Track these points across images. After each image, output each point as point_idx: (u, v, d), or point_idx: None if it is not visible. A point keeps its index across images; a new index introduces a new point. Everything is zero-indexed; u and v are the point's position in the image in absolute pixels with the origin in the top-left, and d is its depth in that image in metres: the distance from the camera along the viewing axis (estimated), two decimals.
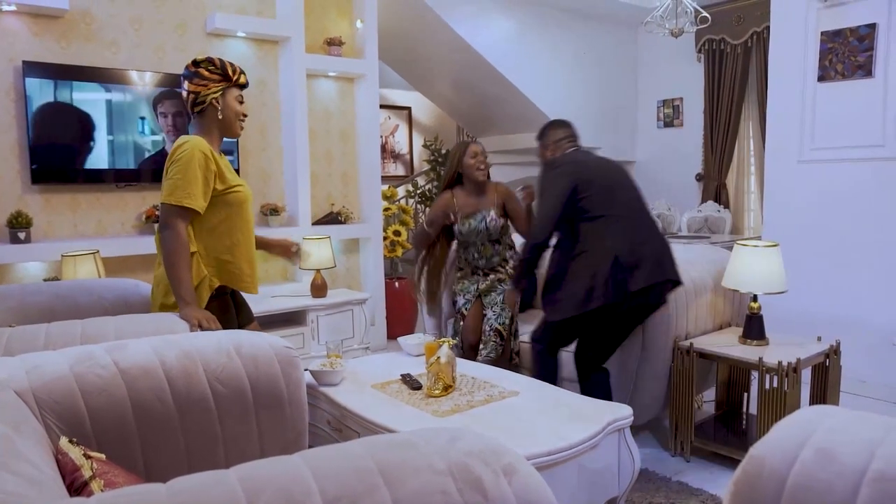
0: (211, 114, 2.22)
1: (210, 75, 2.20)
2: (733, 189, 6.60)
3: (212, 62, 2.21)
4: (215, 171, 2.15)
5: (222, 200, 2.18)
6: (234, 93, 2.26)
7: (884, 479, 0.82)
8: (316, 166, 4.48)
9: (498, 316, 3.14)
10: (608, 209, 2.58)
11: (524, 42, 6.05)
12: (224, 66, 2.23)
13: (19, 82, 3.32)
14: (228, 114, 2.24)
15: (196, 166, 2.09)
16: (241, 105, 2.28)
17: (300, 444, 1.69)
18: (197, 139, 2.15)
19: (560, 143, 2.83)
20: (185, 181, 2.07)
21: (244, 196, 2.26)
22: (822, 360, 2.71)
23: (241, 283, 2.26)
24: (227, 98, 2.24)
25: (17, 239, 3.25)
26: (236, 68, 2.27)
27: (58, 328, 1.83)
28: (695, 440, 2.71)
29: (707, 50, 6.50)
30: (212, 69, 2.20)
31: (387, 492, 0.81)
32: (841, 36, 3.55)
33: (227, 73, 2.23)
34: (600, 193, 2.59)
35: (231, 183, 2.21)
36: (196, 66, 2.20)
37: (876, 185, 3.50)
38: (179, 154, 2.10)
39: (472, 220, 3.18)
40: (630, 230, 2.56)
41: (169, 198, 2.07)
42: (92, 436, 1.37)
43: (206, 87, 2.19)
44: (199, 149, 2.11)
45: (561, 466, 1.81)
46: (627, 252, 2.50)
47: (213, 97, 2.20)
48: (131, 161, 3.64)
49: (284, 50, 4.19)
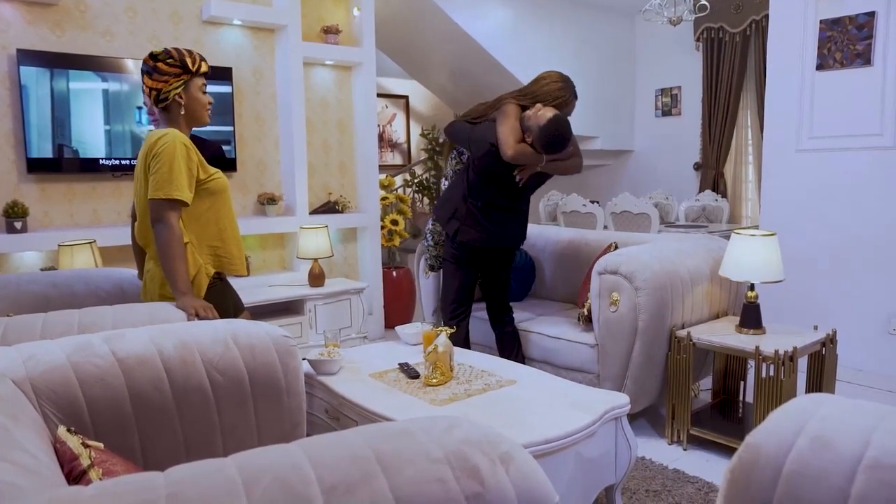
0: (175, 109, 2.20)
1: (169, 69, 2.16)
2: (731, 178, 6.60)
3: (169, 55, 2.17)
4: (197, 161, 2.15)
5: (206, 189, 2.19)
6: (196, 83, 2.22)
7: (879, 466, 0.82)
8: (313, 155, 4.46)
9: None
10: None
11: (521, 31, 6.03)
12: (183, 58, 2.18)
13: (14, 71, 3.29)
14: (194, 106, 2.22)
15: (180, 158, 2.08)
16: (204, 94, 2.25)
17: (298, 432, 1.69)
18: (174, 131, 2.13)
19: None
20: (171, 174, 2.06)
21: (224, 183, 2.27)
22: (818, 348, 2.72)
23: (232, 267, 2.27)
24: (190, 90, 2.20)
25: (13, 228, 3.24)
26: (195, 57, 2.22)
27: (55, 318, 1.82)
28: (691, 428, 2.72)
29: (706, 38, 6.48)
30: (171, 62, 2.16)
31: (384, 480, 0.81)
32: (840, 24, 3.54)
33: (187, 64, 2.18)
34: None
35: (210, 172, 2.22)
36: (154, 61, 2.16)
37: (873, 175, 3.50)
38: (160, 147, 2.07)
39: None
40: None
41: (158, 192, 2.05)
42: (90, 425, 1.37)
43: (167, 83, 2.16)
44: (181, 140, 2.10)
45: (558, 454, 1.82)
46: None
47: (175, 93, 2.17)
48: (128, 150, 3.62)
49: (281, 38, 4.16)
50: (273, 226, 4.11)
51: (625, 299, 2.74)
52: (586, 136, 6.85)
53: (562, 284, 3.71)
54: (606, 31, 6.87)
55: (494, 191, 2.91)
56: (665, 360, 2.80)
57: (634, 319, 2.73)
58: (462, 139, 3.02)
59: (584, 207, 5.39)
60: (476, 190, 2.92)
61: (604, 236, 3.64)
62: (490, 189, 2.91)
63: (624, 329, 2.75)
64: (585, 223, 5.33)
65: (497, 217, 2.95)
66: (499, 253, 3.07)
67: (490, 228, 2.94)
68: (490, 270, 3.11)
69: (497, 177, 2.87)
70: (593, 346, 2.90)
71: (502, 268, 3.13)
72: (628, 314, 2.73)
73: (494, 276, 3.12)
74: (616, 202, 5.41)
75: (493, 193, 2.91)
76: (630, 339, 2.75)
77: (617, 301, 2.76)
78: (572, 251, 3.63)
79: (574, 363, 2.99)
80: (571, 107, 2.96)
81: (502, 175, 2.84)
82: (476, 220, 2.94)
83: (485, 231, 2.94)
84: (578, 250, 3.61)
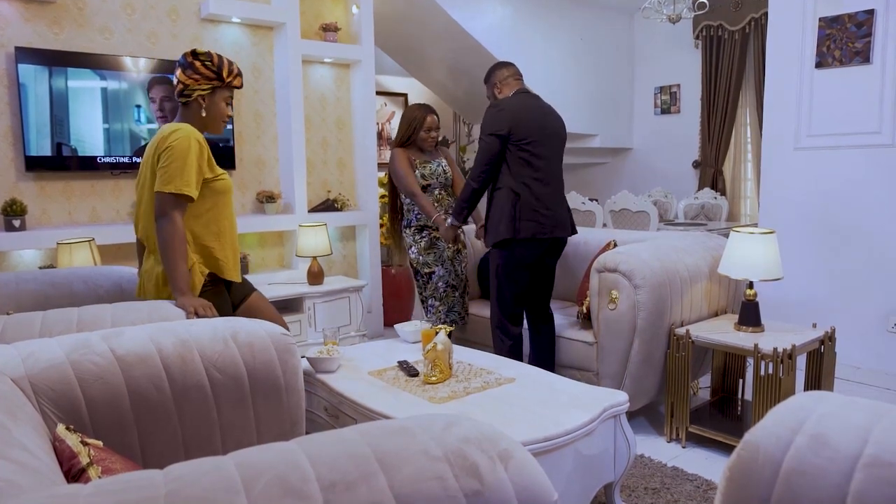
0: (195, 108, 2.20)
1: (204, 71, 2.16)
2: (730, 176, 6.60)
3: (210, 58, 2.16)
4: (207, 159, 2.14)
5: (210, 188, 2.17)
6: (223, 93, 2.22)
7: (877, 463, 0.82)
8: (312, 153, 4.46)
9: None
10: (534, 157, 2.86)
11: (520, 28, 6.02)
12: (221, 66, 2.18)
13: (12, 69, 3.29)
14: (213, 113, 2.22)
15: (193, 155, 2.07)
16: (227, 107, 2.25)
17: (297, 430, 1.69)
18: (189, 126, 2.12)
19: (506, 80, 3.03)
20: (182, 169, 2.04)
21: (228, 185, 2.26)
22: (816, 346, 2.72)
23: (224, 271, 2.23)
24: (214, 97, 2.20)
25: (11, 227, 3.24)
26: (234, 69, 2.22)
27: (53, 316, 1.82)
28: (690, 426, 2.72)
29: (705, 36, 6.47)
30: (208, 65, 2.16)
31: (383, 478, 0.81)
32: (839, 22, 3.53)
33: (223, 73, 2.18)
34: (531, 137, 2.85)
35: (217, 172, 2.21)
36: (193, 58, 2.16)
37: (872, 173, 3.50)
38: (173, 141, 2.06)
39: (431, 164, 3.45)
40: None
41: (168, 186, 2.04)
42: (89, 423, 1.37)
43: (196, 83, 2.16)
44: (195, 137, 2.10)
45: (557, 452, 1.83)
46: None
47: (199, 94, 2.17)
48: (127, 149, 3.62)
49: (279, 36, 4.15)
50: (272, 224, 4.11)
51: (624, 297, 2.74)
52: (585, 134, 6.85)
53: (561, 282, 3.71)
54: (605, 28, 6.86)
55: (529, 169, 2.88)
56: (664, 357, 2.80)
57: (633, 317, 2.73)
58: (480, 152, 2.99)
59: (583, 205, 5.39)
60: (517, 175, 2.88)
61: (603, 234, 3.64)
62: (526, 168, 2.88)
63: (623, 327, 2.75)
64: (584, 221, 5.33)
65: (548, 197, 2.89)
66: (553, 246, 3.03)
67: (546, 214, 2.87)
68: (542, 269, 3.06)
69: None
70: (592, 344, 2.90)
71: (553, 264, 3.11)
72: (627, 312, 2.73)
73: (546, 274, 3.08)
74: (615, 200, 5.41)
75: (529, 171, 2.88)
76: (629, 337, 2.75)
77: (616, 299, 2.76)
78: (571, 249, 3.64)
79: (573, 361, 3.00)
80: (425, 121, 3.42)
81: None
82: (530, 207, 2.85)
83: (542, 218, 2.87)
84: (577, 248, 3.62)
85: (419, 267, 3.45)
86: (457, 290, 3.48)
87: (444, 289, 3.43)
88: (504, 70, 3.04)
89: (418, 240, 3.44)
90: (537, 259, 2.96)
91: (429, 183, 3.42)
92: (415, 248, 3.45)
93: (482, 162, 2.89)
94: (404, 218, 3.52)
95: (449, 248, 3.44)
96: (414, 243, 3.45)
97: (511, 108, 2.87)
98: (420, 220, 3.45)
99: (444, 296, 3.44)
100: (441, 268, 3.43)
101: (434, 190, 3.43)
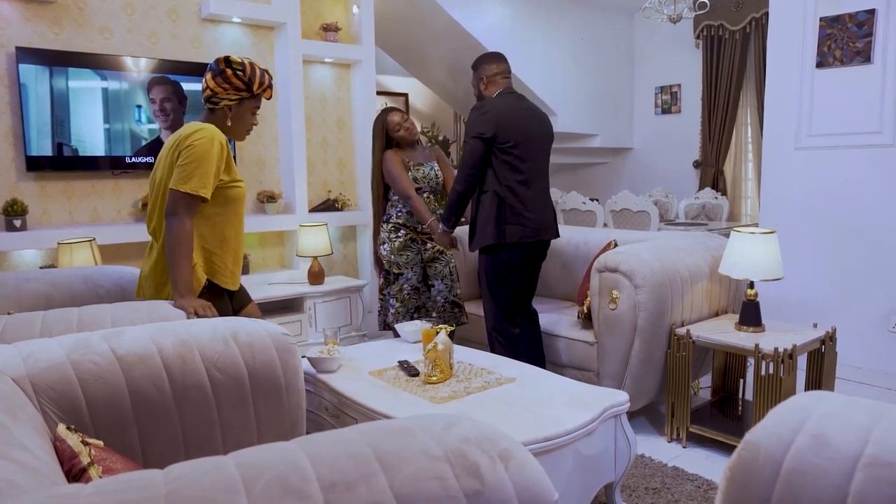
0: (220, 116, 2.17)
1: (234, 81, 2.12)
2: (731, 176, 6.60)
3: (243, 68, 2.12)
4: (225, 161, 2.12)
5: (223, 193, 2.14)
6: (251, 104, 2.19)
7: (878, 463, 0.82)
8: (312, 153, 4.46)
9: (450, 288, 3.38)
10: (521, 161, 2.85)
11: (520, 28, 6.02)
12: (253, 78, 2.14)
13: (13, 69, 3.29)
14: (238, 122, 2.19)
15: (213, 157, 2.04)
16: (253, 117, 2.22)
17: (297, 430, 1.69)
18: (213, 128, 2.09)
19: (494, 77, 2.99)
20: (201, 170, 2.02)
21: (242, 193, 2.23)
22: (817, 346, 2.72)
23: (221, 278, 2.19)
24: (241, 108, 2.18)
25: (12, 226, 3.24)
26: (265, 81, 2.18)
27: (54, 315, 1.82)
28: (691, 426, 2.72)
29: (705, 36, 6.47)
30: (240, 75, 2.12)
31: (383, 478, 0.81)
32: (840, 22, 3.53)
33: (253, 86, 2.15)
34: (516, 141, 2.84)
35: (234, 176, 2.18)
36: (226, 65, 2.12)
37: (873, 173, 3.49)
38: (196, 140, 2.03)
39: (424, 168, 3.41)
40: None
41: (184, 185, 2.01)
42: (89, 423, 1.37)
43: (225, 91, 2.13)
44: (218, 139, 2.07)
45: (557, 452, 1.82)
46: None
47: (226, 103, 2.15)
48: (128, 149, 3.62)
49: (280, 36, 4.16)
50: (272, 224, 4.11)
51: (624, 297, 2.74)
52: (585, 134, 6.85)
53: (561, 282, 3.71)
54: (606, 28, 6.86)
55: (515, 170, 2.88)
56: (664, 357, 2.80)
57: (634, 317, 2.73)
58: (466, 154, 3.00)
59: (584, 205, 5.39)
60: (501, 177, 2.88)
61: (603, 234, 3.64)
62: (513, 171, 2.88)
63: (623, 327, 2.75)
64: (585, 221, 5.33)
65: (532, 201, 2.89)
66: (538, 248, 3.03)
67: (530, 217, 2.88)
68: (529, 271, 3.07)
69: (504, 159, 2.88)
70: (593, 344, 2.90)
71: (539, 265, 3.12)
72: (628, 312, 2.73)
73: (532, 275, 3.09)
74: (616, 200, 5.41)
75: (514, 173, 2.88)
76: (629, 337, 2.75)
77: (617, 299, 2.76)
78: (572, 249, 3.64)
79: (573, 361, 3.00)
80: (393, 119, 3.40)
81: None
82: (514, 211, 2.86)
83: (527, 222, 2.87)
84: (578, 248, 3.62)
85: (388, 266, 3.38)
86: (422, 294, 3.41)
87: (408, 291, 3.35)
88: (494, 65, 2.99)
89: (393, 238, 3.36)
90: (523, 261, 2.96)
91: (419, 186, 3.37)
92: (387, 246, 3.37)
93: (468, 165, 2.87)
94: (385, 213, 3.46)
95: (429, 251, 3.39)
96: (388, 241, 3.37)
97: (496, 111, 2.84)
98: (400, 217, 3.38)
99: (406, 298, 3.35)
100: (410, 271, 3.35)
101: (423, 193, 3.38)
